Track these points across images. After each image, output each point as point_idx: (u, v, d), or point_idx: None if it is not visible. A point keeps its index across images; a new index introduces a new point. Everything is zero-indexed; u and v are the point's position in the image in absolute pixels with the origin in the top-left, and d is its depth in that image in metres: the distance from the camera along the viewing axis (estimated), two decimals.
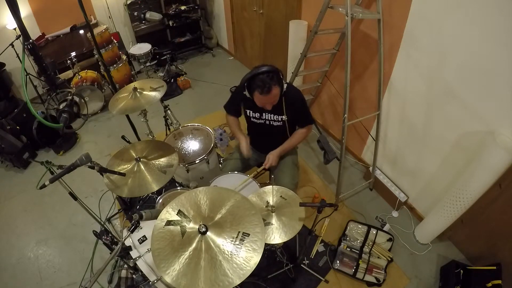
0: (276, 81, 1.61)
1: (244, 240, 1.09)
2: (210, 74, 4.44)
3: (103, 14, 4.15)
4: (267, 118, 1.87)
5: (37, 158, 3.21)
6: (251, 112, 1.90)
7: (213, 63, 4.76)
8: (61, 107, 3.19)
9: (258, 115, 1.88)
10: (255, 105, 1.76)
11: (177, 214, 1.17)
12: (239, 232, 1.11)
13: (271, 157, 1.86)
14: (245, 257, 1.05)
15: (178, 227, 1.14)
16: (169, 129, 2.62)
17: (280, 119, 1.84)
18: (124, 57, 3.95)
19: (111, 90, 3.07)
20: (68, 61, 3.59)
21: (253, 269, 1.02)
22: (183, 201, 1.21)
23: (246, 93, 1.71)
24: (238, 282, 0.99)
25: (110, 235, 1.71)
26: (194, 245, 1.08)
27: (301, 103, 1.85)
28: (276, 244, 1.52)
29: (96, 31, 3.44)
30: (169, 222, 1.15)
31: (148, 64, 4.06)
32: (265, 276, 1.99)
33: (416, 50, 1.92)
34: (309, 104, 3.16)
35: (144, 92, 2.04)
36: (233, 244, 1.08)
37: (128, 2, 4.12)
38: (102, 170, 1.56)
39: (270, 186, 1.60)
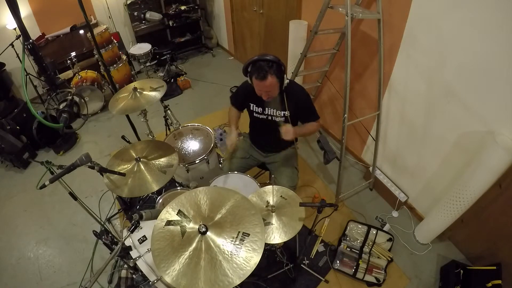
0: (274, 71, 1.60)
1: (244, 240, 1.09)
2: (210, 74, 4.44)
3: (103, 14, 4.15)
4: (269, 113, 1.85)
5: (37, 158, 3.21)
6: (254, 106, 1.88)
7: (213, 63, 4.77)
8: (61, 107, 3.19)
9: (261, 109, 1.87)
10: (258, 99, 1.75)
11: (177, 214, 1.17)
12: (239, 232, 1.11)
13: (289, 127, 1.73)
14: (245, 257, 1.05)
15: (178, 227, 1.14)
16: (169, 129, 2.62)
17: (282, 115, 1.82)
18: (124, 57, 3.95)
19: (111, 90, 3.07)
20: (68, 61, 3.60)
21: (253, 269, 1.02)
22: (183, 201, 1.21)
23: (249, 79, 1.71)
24: (238, 282, 0.99)
25: (110, 235, 1.71)
26: (194, 245, 1.08)
27: (305, 99, 1.83)
28: (276, 244, 1.52)
29: (96, 31, 3.44)
30: (169, 222, 1.15)
31: (148, 64, 4.06)
32: (265, 276, 1.99)
33: (416, 50, 1.92)
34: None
35: (144, 92, 2.04)
36: (233, 244, 1.08)
37: (128, 2, 4.12)
38: (102, 170, 1.56)
39: (270, 186, 1.60)
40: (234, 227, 1.12)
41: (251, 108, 1.91)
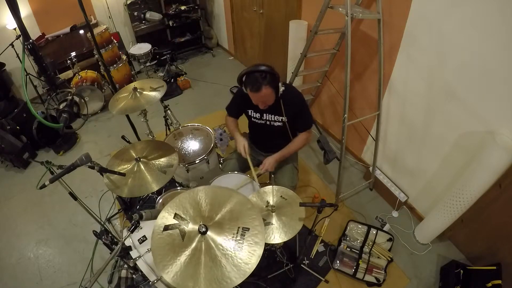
0: (268, 82, 1.61)
1: (245, 235, 1.09)
2: (210, 74, 4.44)
3: (103, 14, 4.16)
4: (267, 118, 1.87)
5: (37, 158, 3.21)
6: (252, 112, 1.90)
7: (213, 63, 4.77)
8: (61, 107, 3.19)
9: (259, 115, 1.88)
10: (255, 105, 1.76)
11: (174, 218, 1.17)
12: (238, 227, 1.11)
13: (268, 162, 1.85)
14: (248, 252, 1.05)
15: (177, 230, 1.13)
16: (169, 129, 2.62)
17: (280, 120, 1.84)
18: (124, 57, 3.95)
19: (111, 90, 3.07)
20: (68, 61, 3.59)
21: (257, 263, 1.03)
22: (181, 203, 1.20)
23: (244, 89, 1.72)
24: (243, 278, 0.99)
25: (110, 235, 1.71)
26: (195, 246, 1.08)
27: (301, 105, 1.83)
28: (276, 244, 1.52)
29: (96, 31, 3.44)
30: (166, 227, 1.14)
31: (148, 64, 4.06)
32: (265, 276, 1.99)
33: (416, 50, 1.92)
34: (309, 104, 3.16)
35: (144, 92, 2.04)
36: (235, 240, 1.08)
37: (128, 2, 4.12)
38: (102, 170, 1.56)
39: (270, 186, 1.60)
40: (234, 223, 1.13)
41: (249, 114, 1.92)
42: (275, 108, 1.78)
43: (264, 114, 1.86)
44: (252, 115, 1.91)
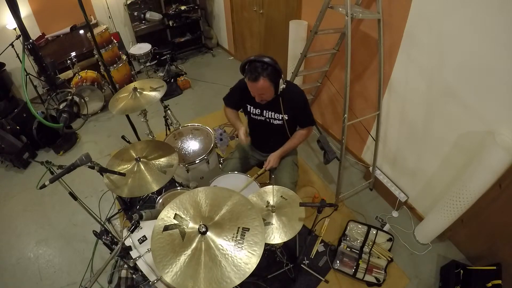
0: (268, 74, 1.57)
1: (245, 235, 1.09)
2: (210, 74, 4.44)
3: (103, 14, 4.16)
4: (267, 116, 1.85)
5: (37, 158, 3.21)
6: (251, 107, 1.87)
7: (213, 63, 4.77)
8: (61, 107, 3.19)
9: (259, 111, 1.86)
10: (255, 100, 1.75)
11: (174, 218, 1.17)
12: (238, 227, 1.11)
13: (272, 159, 1.85)
14: (248, 252, 1.05)
15: (177, 230, 1.13)
16: (169, 129, 2.62)
17: (280, 118, 1.82)
18: (124, 57, 3.95)
19: (111, 90, 3.07)
20: (68, 61, 3.60)
21: (257, 264, 1.03)
22: (181, 203, 1.20)
23: (244, 77, 1.68)
24: (244, 278, 0.99)
25: (110, 235, 1.70)
26: (195, 246, 1.08)
27: (302, 103, 1.83)
28: (276, 244, 1.52)
29: (96, 31, 3.44)
30: (167, 227, 1.14)
31: (148, 64, 4.06)
32: (265, 276, 1.99)
33: (416, 50, 1.92)
34: (309, 104, 3.15)
35: (144, 92, 2.04)
36: (235, 240, 1.08)
37: (128, 2, 4.12)
38: (102, 170, 1.56)
39: (271, 186, 1.60)
40: (233, 224, 1.13)
41: (248, 109, 1.89)
42: (275, 105, 1.76)
43: (264, 111, 1.84)
44: (251, 111, 1.88)
